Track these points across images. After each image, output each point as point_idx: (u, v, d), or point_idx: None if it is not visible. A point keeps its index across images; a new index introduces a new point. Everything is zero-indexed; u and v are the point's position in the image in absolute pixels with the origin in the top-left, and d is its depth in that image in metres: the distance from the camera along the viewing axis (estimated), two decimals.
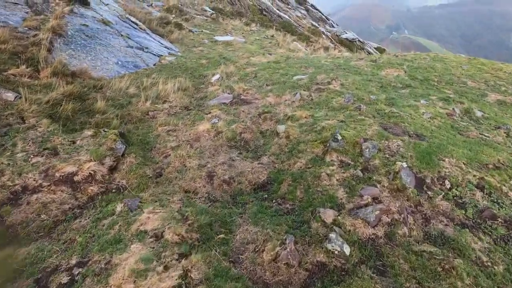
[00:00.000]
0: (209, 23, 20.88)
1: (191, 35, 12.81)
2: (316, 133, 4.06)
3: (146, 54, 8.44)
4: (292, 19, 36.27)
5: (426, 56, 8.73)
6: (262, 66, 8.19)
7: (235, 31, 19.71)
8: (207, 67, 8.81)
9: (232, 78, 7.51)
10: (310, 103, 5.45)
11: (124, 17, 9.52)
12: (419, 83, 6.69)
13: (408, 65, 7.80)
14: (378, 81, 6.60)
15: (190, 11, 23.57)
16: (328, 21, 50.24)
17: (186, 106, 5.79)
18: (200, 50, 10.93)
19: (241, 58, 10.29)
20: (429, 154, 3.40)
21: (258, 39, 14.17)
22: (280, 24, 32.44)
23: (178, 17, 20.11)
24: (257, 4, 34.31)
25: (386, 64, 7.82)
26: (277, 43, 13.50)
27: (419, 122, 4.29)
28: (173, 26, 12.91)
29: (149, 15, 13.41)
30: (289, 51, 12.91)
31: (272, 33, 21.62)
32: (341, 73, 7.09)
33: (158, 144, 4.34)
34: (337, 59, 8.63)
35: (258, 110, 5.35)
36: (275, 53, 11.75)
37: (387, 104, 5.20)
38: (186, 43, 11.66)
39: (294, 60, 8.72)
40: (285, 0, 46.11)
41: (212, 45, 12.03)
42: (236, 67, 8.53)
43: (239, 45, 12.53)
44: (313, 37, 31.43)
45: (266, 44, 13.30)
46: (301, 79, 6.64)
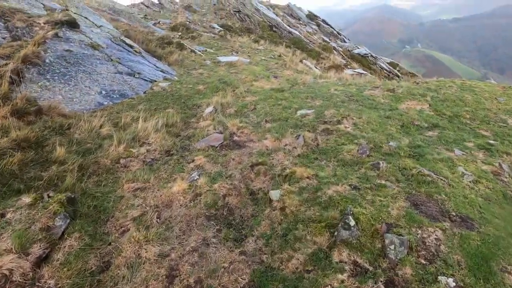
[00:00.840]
0: (216, 40, 20.43)
1: (193, 56, 12.14)
2: (321, 208, 3.03)
3: (136, 80, 7.70)
4: (302, 35, 35.83)
5: (451, 84, 7.62)
6: (264, 95, 7.28)
7: (242, 49, 19.15)
8: (203, 94, 7.98)
9: (228, 110, 6.61)
10: (315, 151, 4.44)
11: (118, 40, 8.89)
12: (448, 121, 5.59)
13: (433, 96, 6.71)
14: (398, 118, 5.54)
15: (198, 28, 23.28)
16: (339, 36, 49.79)
17: (168, 149, 4.88)
18: (199, 73, 10.18)
19: (243, 82, 9.45)
20: (485, 260, 2.32)
21: (264, 59, 13.39)
22: (290, 40, 31.97)
23: (185, 35, 19.77)
24: (267, 20, 34.08)
25: (406, 95, 6.76)
26: (284, 64, 12.67)
27: (460, 192, 3.19)
28: (174, 46, 12.31)
29: (150, 35, 12.90)
30: (297, 72, 12.02)
31: (280, 51, 20.97)
32: (353, 106, 6.08)
33: (117, 211, 3.40)
34: (349, 87, 7.63)
35: (251, 159, 4.37)
36: (281, 75, 10.89)
37: (413, 155, 4.13)
38: (186, 65, 10.97)
39: (300, 88, 7.78)
40: (296, 16, 46.06)
41: (213, 67, 11.29)
42: (234, 96, 7.66)
43: (243, 67, 11.75)
44: (324, 53, 30.77)
45: (272, 65, 12.48)
46: (306, 115, 5.66)
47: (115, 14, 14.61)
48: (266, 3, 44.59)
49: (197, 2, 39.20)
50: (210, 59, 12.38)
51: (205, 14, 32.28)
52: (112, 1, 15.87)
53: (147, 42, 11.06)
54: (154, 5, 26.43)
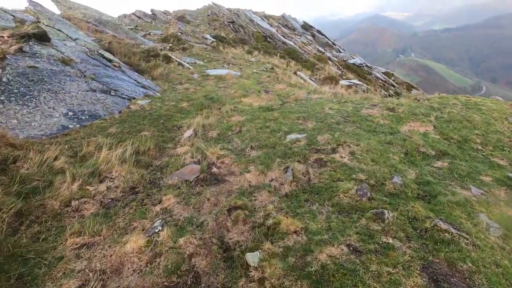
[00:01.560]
0: (208, 52, 19.92)
1: (180, 69, 11.51)
2: (310, 283, 2.30)
3: (112, 98, 6.99)
4: (297, 45, 35.64)
5: (455, 101, 7.02)
6: (251, 115, 6.59)
7: (234, 60, 18.64)
8: (186, 112, 7.29)
9: (210, 133, 5.91)
10: (306, 189, 3.72)
11: (95, 54, 8.22)
12: (457, 147, 4.93)
13: (437, 116, 6.08)
14: (400, 144, 4.87)
15: (190, 39, 22.81)
16: (334, 46, 49.94)
17: (133, 185, 4.13)
18: (185, 88, 9.51)
19: (231, 98, 8.80)
20: None
21: (256, 72, 12.80)
22: (285, 50, 31.69)
23: (176, 46, 19.23)
24: (261, 31, 33.88)
25: (407, 115, 6.12)
26: (277, 77, 12.08)
27: (490, 257, 2.48)
28: (160, 59, 11.68)
29: (136, 47, 12.28)
30: (290, 86, 11.43)
31: (274, 62, 20.52)
32: (350, 129, 5.41)
33: (50, 281, 2.63)
34: (345, 105, 6.99)
35: (229, 200, 3.64)
36: (272, 90, 10.27)
37: (423, 196, 3.44)
38: (172, 79, 10.31)
39: (291, 106, 7.12)
40: (291, 26, 46.09)
41: (201, 81, 10.65)
42: (220, 114, 6.98)
43: (233, 80, 11.13)
44: (318, 64, 30.50)
45: (264, 79, 11.88)
46: (296, 141, 4.97)
47: (101, 25, 14.02)
48: (260, 14, 44.67)
49: (191, 13, 39.07)
50: (198, 72, 11.75)
51: (198, 25, 32.01)
52: (98, 12, 15.31)
53: (131, 55, 10.42)
54: (146, 16, 26.02)
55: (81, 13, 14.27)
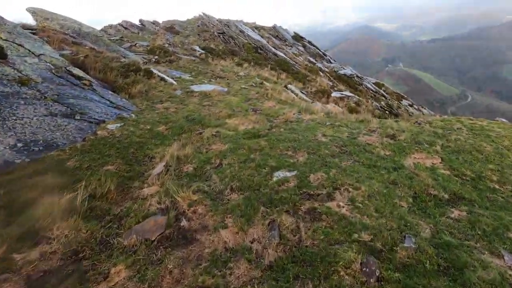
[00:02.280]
0: (196, 64, 19.23)
1: (162, 85, 10.69)
2: None
3: (76, 123, 6.12)
4: (288, 56, 35.37)
5: (460, 126, 6.39)
6: (235, 143, 5.79)
7: (223, 73, 17.98)
8: (162, 138, 6.46)
9: (185, 166, 5.08)
10: (296, 256, 2.92)
11: (62, 71, 7.36)
12: (472, 186, 4.23)
13: (443, 145, 5.40)
14: (407, 184, 4.13)
15: (178, 51, 22.11)
16: (325, 57, 50.09)
17: (78, 249, 3.25)
18: (165, 107, 8.69)
19: (215, 119, 8.02)
20: None
21: (244, 88, 12.09)
22: (276, 62, 31.29)
23: (162, 58, 18.48)
24: (252, 42, 33.51)
25: (410, 144, 5.43)
26: (266, 94, 11.38)
27: None
28: (141, 74, 10.86)
29: (116, 61, 11.44)
30: (280, 103, 10.74)
31: (264, 74, 19.94)
32: (347, 164, 4.66)
33: None
34: (340, 130, 6.27)
35: (197, 273, 2.80)
36: (261, 108, 9.55)
37: (445, 270, 2.67)
38: (152, 97, 9.48)
39: (280, 132, 6.35)
40: (282, 37, 46.05)
41: (184, 99, 9.85)
42: (200, 140, 6.17)
43: (219, 97, 10.37)
44: (310, 75, 30.19)
45: (252, 95, 11.16)
46: (284, 181, 4.18)
47: (80, 37, 13.17)
48: (251, 25, 44.52)
49: (181, 23, 38.58)
50: (182, 88, 10.96)
51: (188, 36, 31.43)
52: (78, 23, 14.47)
53: (107, 71, 9.57)
54: (133, 27, 25.29)
55: (58, 24, 13.41)
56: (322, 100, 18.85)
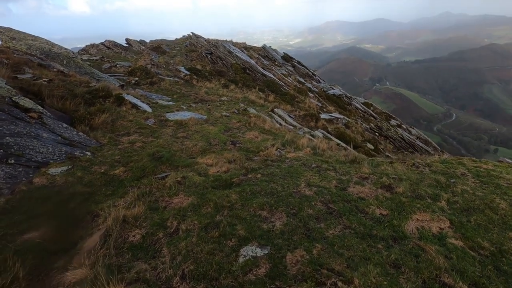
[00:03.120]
0: (179, 86, 18.39)
1: (133, 113, 9.67)
2: None
3: (7, 169, 4.99)
4: (276, 77, 35.15)
5: (463, 170, 5.56)
6: (200, 195, 4.75)
7: (207, 96, 17.18)
8: (116, 186, 5.38)
9: (132, 233, 3.98)
10: None
11: (3, 102, 6.28)
12: (493, 267, 3.29)
13: (449, 200, 4.51)
14: (413, 267, 3.15)
15: (161, 72, 21.31)
16: (314, 77, 50.42)
17: None
18: (131, 141, 7.64)
19: (186, 157, 7.02)
20: None
21: (226, 115, 11.19)
22: (264, 83, 30.89)
23: (142, 80, 17.59)
24: (240, 63, 33.21)
25: (410, 199, 4.52)
26: (248, 122, 10.49)
27: None
28: (111, 101, 9.84)
29: (84, 86, 10.41)
30: (263, 132, 9.84)
31: (251, 97, 19.26)
32: (335, 232, 3.68)
33: None
34: (327, 176, 5.34)
35: None
36: (241, 141, 8.61)
37: None
38: (118, 128, 8.43)
39: (256, 179, 5.35)
40: (272, 57, 46.22)
41: (156, 129, 8.84)
42: (158, 191, 5.10)
43: (196, 127, 9.41)
44: (299, 96, 29.80)
45: (234, 124, 10.25)
46: (253, 265, 3.14)
47: (48, 58, 12.17)
48: (241, 45, 44.60)
49: (168, 43, 38.23)
50: (156, 116, 9.96)
51: (175, 56, 30.88)
52: (50, 44, 13.50)
53: (69, 98, 8.51)
54: (117, 46, 24.52)
55: (26, 44, 12.41)
56: (311, 124, 18.18)
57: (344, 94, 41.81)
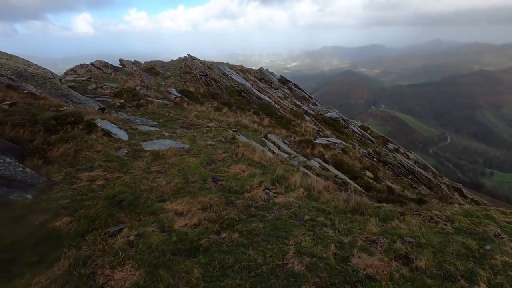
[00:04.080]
0: (168, 109, 17.40)
1: (104, 141, 8.49)
2: None
3: None
4: (272, 100, 34.53)
5: (498, 230, 4.38)
6: (152, 268, 3.50)
7: (197, 120, 16.16)
8: (52, 245, 4.10)
9: None
10: None
11: None
12: None
13: (489, 280, 3.30)
14: None
15: (150, 94, 20.41)
16: (311, 100, 50.15)
17: None
18: (91, 178, 6.41)
19: (152, 200, 5.79)
20: None
21: (211, 144, 10.05)
22: (259, 106, 30.12)
23: (128, 103, 16.61)
24: (235, 85, 32.65)
25: (437, 280, 3.30)
26: (236, 153, 9.35)
27: None
28: (80, 127, 8.69)
29: (52, 110, 9.29)
30: (251, 165, 8.69)
31: (244, 121, 18.31)
32: None
33: None
34: (323, 236, 4.13)
35: None
36: (224, 176, 7.43)
37: None
38: (81, 160, 7.22)
39: (231, 242, 4.11)
40: (268, 80, 45.99)
41: (126, 163, 7.64)
42: (101, 258, 3.83)
43: (174, 159, 8.24)
44: (295, 120, 28.94)
45: (219, 155, 9.10)
46: None
47: (21, 79, 11.16)
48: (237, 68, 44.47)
49: (163, 64, 37.87)
50: (131, 145, 8.79)
51: (168, 77, 30.28)
52: (27, 64, 12.58)
53: (26, 125, 7.37)
54: (107, 67, 23.81)
55: None
56: (307, 151, 17.08)
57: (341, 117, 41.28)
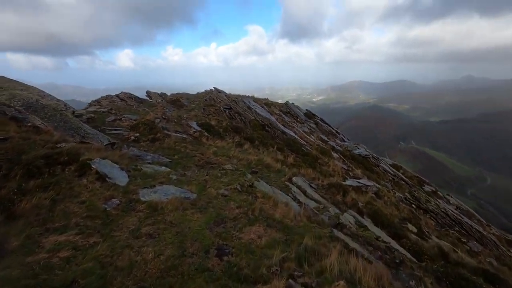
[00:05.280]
0: (185, 144, 16.17)
1: (95, 188, 7.02)
2: None
3: None
4: (298, 135, 32.76)
5: None
6: None
7: (215, 157, 14.64)
8: None
9: None
10: None
11: None
12: None
13: None
14: None
15: (170, 127, 19.55)
16: (338, 135, 47.71)
17: None
18: (56, 245, 4.79)
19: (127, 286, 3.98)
20: None
21: (224, 195, 8.27)
22: (284, 141, 28.38)
23: (143, 137, 15.61)
24: (259, 119, 31.49)
25: None
26: (252, 209, 7.45)
27: None
28: (73, 169, 7.38)
29: (47, 147, 8.17)
30: (270, 227, 6.73)
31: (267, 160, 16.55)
32: None
33: None
34: None
35: None
36: (233, 246, 5.55)
37: None
38: (56, 215, 5.70)
39: None
40: (294, 114, 44.67)
41: (113, 219, 6.01)
42: None
43: (174, 216, 6.51)
44: (322, 158, 26.76)
45: (231, 210, 7.26)
46: None
47: (29, 111, 10.46)
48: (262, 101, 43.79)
49: (189, 97, 38.08)
50: (126, 193, 7.24)
51: (192, 110, 29.90)
52: (41, 95, 12.09)
53: (4, 167, 6.12)
54: (131, 98, 23.76)
55: (10, 94, 10.95)
56: (337, 198, 14.73)
57: (371, 155, 38.33)
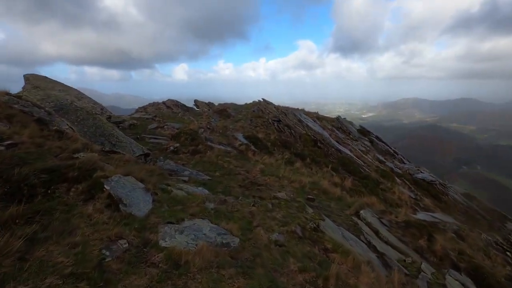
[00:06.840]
0: (229, 158, 14.03)
1: (97, 221, 4.93)
2: None
3: None
4: (354, 153, 28.81)
5: None
6: None
7: (262, 177, 12.20)
8: None
9: None
10: None
11: None
12: None
13: None
14: None
15: (214, 138, 17.73)
16: (397, 156, 41.92)
17: None
18: None
19: None
20: None
21: (278, 244, 5.64)
22: (338, 160, 24.81)
23: (183, 148, 13.87)
24: (311, 133, 28.45)
25: None
26: (326, 275, 4.66)
27: None
28: (80, 191, 5.50)
29: (60, 158, 6.53)
30: None
31: (323, 184, 13.61)
32: None
33: None
34: None
35: None
36: None
37: None
38: (24, 270, 3.69)
39: None
40: (346, 130, 40.41)
41: (110, 279, 3.79)
42: None
43: (203, 278, 4.06)
44: (384, 182, 22.64)
45: (291, 276, 4.58)
46: None
47: (60, 113, 9.28)
48: (313, 115, 40.60)
49: (236, 107, 36.75)
50: (140, 230, 5.06)
51: (238, 121, 28.20)
52: (79, 97, 11.08)
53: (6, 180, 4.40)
54: (177, 106, 22.87)
55: (45, 94, 10.00)
56: (421, 243, 11.04)
57: (437, 181, 32.50)
